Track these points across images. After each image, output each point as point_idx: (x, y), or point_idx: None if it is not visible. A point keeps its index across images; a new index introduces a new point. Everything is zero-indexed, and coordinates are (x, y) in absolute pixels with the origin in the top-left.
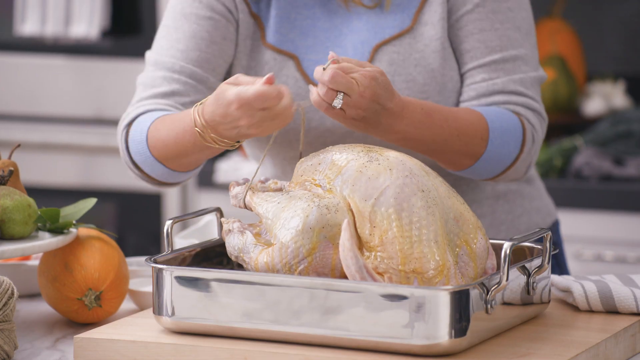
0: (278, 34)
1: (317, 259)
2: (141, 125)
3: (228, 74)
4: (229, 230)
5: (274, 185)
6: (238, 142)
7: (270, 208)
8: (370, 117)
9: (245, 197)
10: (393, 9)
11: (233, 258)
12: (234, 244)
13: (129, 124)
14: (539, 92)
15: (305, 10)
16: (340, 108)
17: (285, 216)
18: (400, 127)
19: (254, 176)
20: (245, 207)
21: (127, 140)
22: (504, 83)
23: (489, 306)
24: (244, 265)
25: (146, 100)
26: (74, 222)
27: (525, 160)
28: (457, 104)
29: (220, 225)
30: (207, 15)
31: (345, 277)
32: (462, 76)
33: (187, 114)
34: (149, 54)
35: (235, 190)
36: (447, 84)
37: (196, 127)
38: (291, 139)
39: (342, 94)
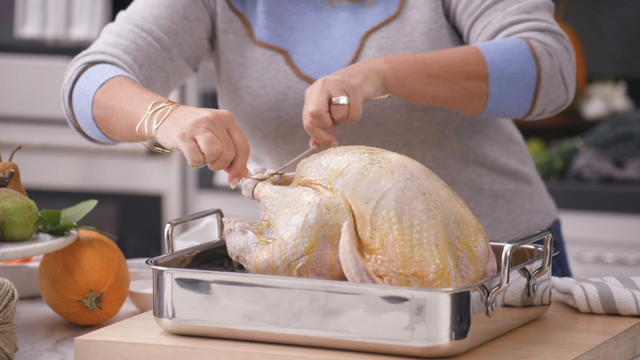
0: (266, 29)
1: (315, 257)
2: (93, 78)
3: (218, 70)
4: (230, 230)
5: (269, 175)
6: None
7: (275, 202)
8: (371, 76)
9: (254, 188)
10: None
11: (234, 258)
12: (235, 244)
13: (86, 66)
14: (546, 13)
15: (292, 6)
16: (346, 103)
17: (288, 212)
18: (399, 67)
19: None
20: (254, 197)
21: (77, 79)
22: (500, 20)
23: (489, 308)
24: (244, 266)
25: (110, 47)
26: (74, 224)
27: (554, 76)
28: None
29: (221, 226)
30: None
31: (344, 277)
32: (469, 36)
33: (141, 104)
34: (121, 12)
35: (246, 180)
36: None
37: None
38: (285, 133)
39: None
